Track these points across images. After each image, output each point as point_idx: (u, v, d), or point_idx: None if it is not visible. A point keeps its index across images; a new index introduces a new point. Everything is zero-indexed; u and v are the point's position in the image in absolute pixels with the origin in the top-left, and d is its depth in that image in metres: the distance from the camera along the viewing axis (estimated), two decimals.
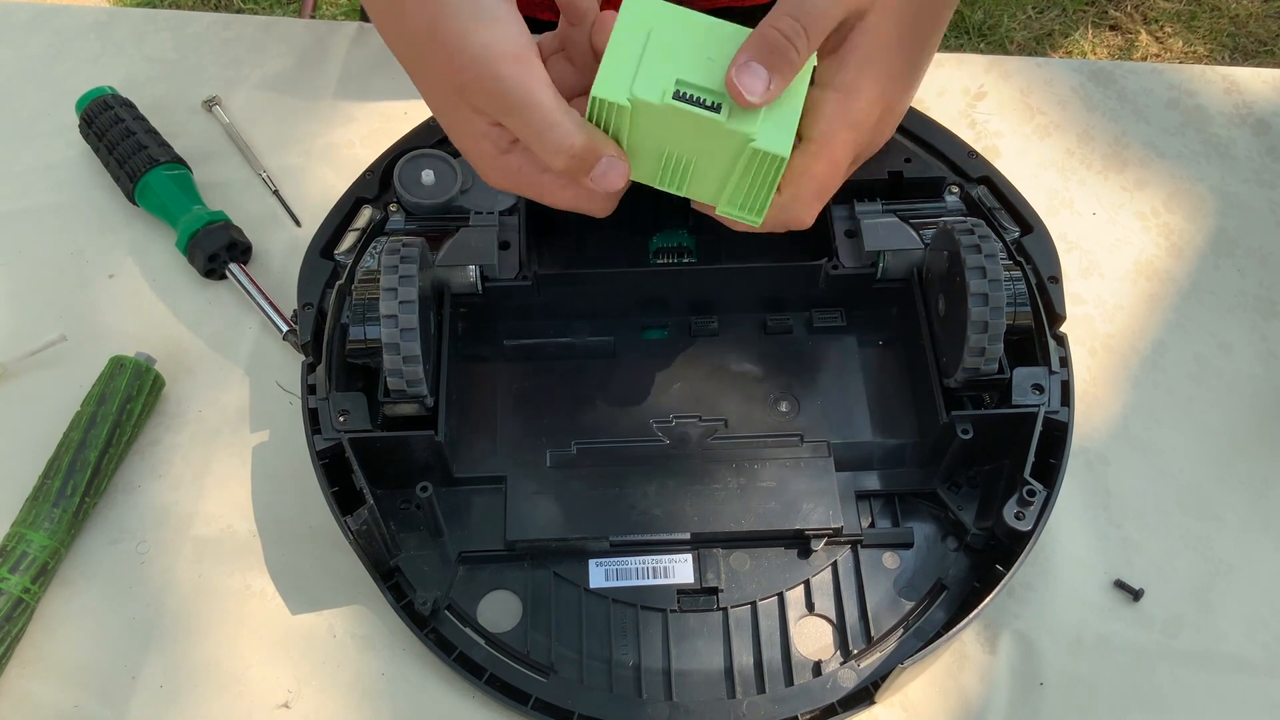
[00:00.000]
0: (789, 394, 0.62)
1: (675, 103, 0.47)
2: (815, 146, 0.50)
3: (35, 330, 0.66)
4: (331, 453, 0.57)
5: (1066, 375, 0.59)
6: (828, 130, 0.50)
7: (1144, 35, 1.77)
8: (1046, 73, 0.78)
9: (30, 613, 0.57)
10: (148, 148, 0.69)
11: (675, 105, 0.47)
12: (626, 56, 0.48)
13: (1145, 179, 0.74)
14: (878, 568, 0.59)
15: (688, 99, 0.47)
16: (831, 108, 0.50)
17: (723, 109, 0.47)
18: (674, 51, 0.47)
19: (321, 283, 0.62)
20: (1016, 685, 0.57)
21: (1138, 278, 0.70)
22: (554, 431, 0.61)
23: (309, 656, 0.57)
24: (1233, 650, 0.58)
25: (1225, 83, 0.78)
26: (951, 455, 0.58)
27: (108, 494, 0.61)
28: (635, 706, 0.55)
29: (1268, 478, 0.63)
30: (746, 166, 0.49)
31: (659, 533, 0.58)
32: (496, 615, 0.58)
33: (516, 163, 0.51)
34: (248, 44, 0.78)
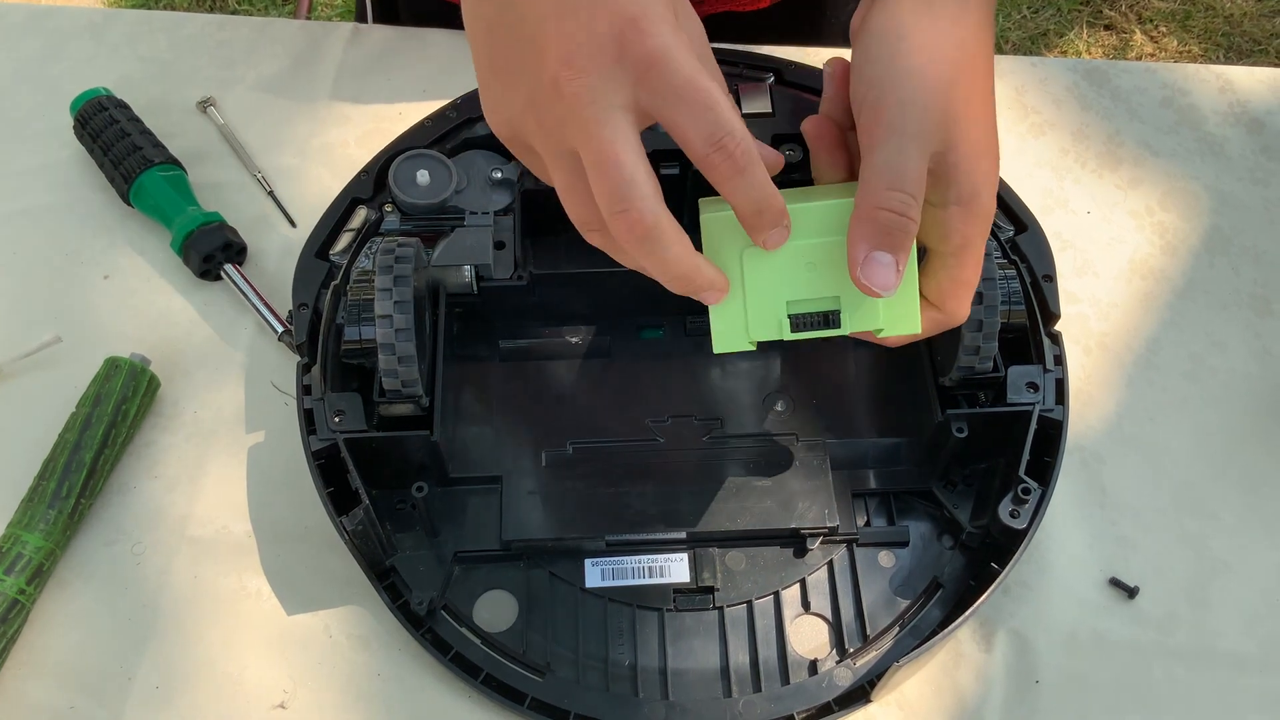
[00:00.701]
0: (784, 393, 0.62)
1: (795, 336, 0.47)
2: (957, 260, 0.49)
3: (30, 331, 0.66)
4: (327, 453, 0.57)
5: (1061, 373, 0.59)
6: (964, 242, 0.49)
7: (1139, 35, 1.78)
8: (1041, 71, 0.78)
9: (26, 614, 0.57)
10: (142, 149, 0.69)
11: (798, 336, 0.47)
12: (729, 293, 0.47)
13: (1139, 177, 0.74)
14: (873, 566, 0.59)
15: (805, 324, 0.47)
16: (959, 222, 0.49)
17: (842, 319, 0.47)
18: (772, 268, 0.46)
19: (317, 283, 0.62)
20: (1012, 683, 0.57)
21: (1132, 276, 0.70)
22: (550, 431, 0.61)
23: (305, 657, 0.57)
24: (1228, 647, 0.58)
25: (1219, 81, 0.78)
26: (947, 454, 0.58)
27: (103, 495, 0.61)
28: (631, 706, 0.55)
29: (1263, 475, 0.63)
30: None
31: (655, 532, 0.58)
32: (492, 615, 0.58)
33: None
34: (242, 45, 0.78)
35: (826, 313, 0.47)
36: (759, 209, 0.45)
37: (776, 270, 0.47)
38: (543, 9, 0.43)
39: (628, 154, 0.42)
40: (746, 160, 0.43)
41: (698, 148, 0.43)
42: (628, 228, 0.43)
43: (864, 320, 0.47)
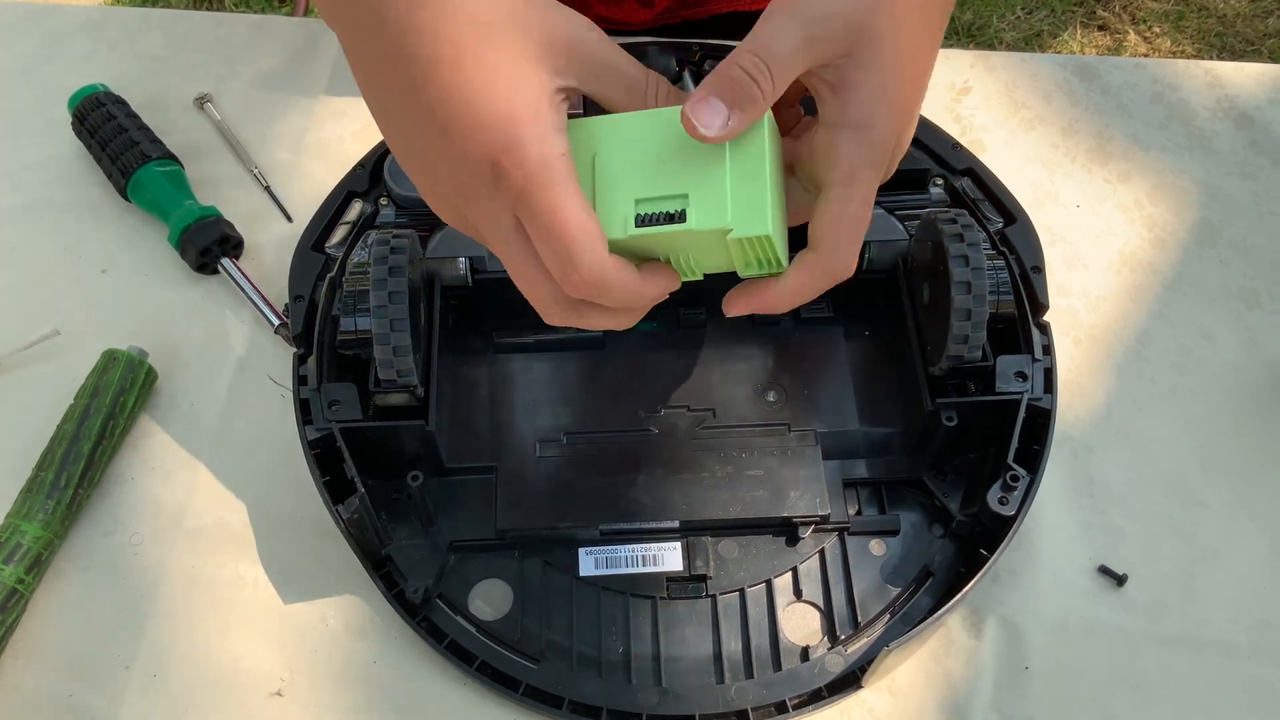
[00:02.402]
0: (776, 384, 0.63)
1: (639, 231, 0.44)
2: (841, 190, 0.46)
3: (29, 325, 0.66)
4: (323, 443, 0.57)
5: (1049, 362, 0.60)
6: (850, 170, 0.45)
7: (1132, 35, 1.78)
8: (1031, 67, 0.79)
9: (24, 603, 0.58)
10: (140, 144, 0.70)
11: (639, 233, 0.44)
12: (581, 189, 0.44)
13: (1129, 172, 0.74)
14: (865, 554, 0.59)
15: (651, 220, 0.44)
16: (850, 147, 0.45)
17: (688, 214, 0.44)
18: (622, 168, 0.45)
19: (313, 276, 0.62)
20: (1002, 670, 0.58)
21: (1121, 269, 0.70)
22: (544, 421, 0.61)
23: (301, 645, 0.58)
24: (1216, 635, 0.59)
25: (1208, 77, 0.78)
26: (937, 443, 0.59)
27: (101, 486, 0.62)
28: (625, 692, 0.55)
29: (1250, 465, 0.64)
30: (740, 249, 0.46)
31: (648, 521, 0.59)
32: (487, 603, 0.58)
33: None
34: (239, 42, 0.79)
35: (673, 210, 0.44)
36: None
37: (627, 170, 0.45)
38: (425, 136, 0.43)
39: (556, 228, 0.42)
40: (598, 295, 0.44)
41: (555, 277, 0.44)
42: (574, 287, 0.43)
43: (711, 217, 0.44)
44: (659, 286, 0.46)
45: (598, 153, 0.45)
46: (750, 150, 0.44)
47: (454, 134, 0.42)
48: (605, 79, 0.45)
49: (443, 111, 0.41)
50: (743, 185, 0.44)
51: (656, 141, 0.45)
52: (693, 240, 0.45)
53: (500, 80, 0.41)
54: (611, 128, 0.45)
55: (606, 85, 0.45)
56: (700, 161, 0.44)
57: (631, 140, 0.45)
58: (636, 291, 0.44)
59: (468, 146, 0.42)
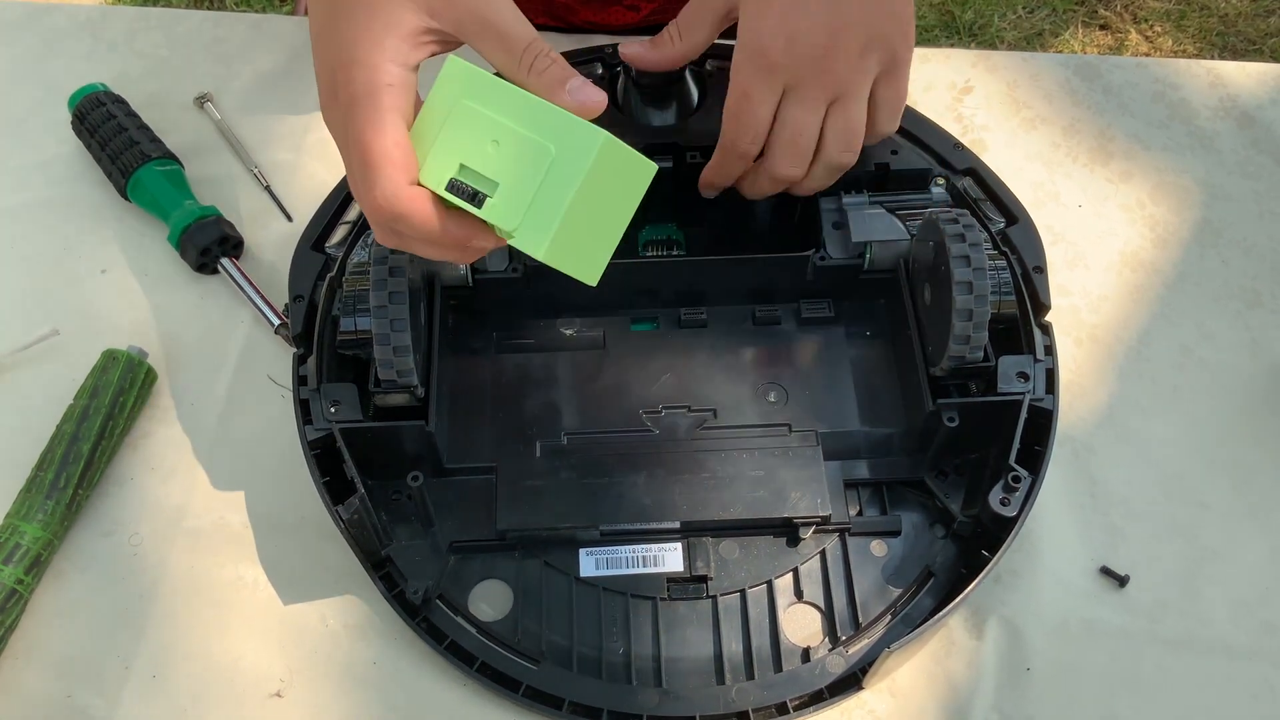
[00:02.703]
0: (777, 384, 0.63)
1: (446, 194, 0.46)
2: (728, 115, 0.57)
3: (28, 325, 0.66)
4: (323, 443, 0.57)
5: (1051, 363, 0.59)
6: (741, 94, 0.56)
7: (1134, 34, 1.78)
8: (1033, 67, 0.79)
9: (24, 604, 0.57)
10: (139, 144, 0.70)
11: (448, 196, 0.46)
12: (428, 131, 0.47)
13: (1130, 171, 0.74)
14: (866, 555, 0.59)
15: (458, 190, 0.46)
16: (735, 69, 0.56)
17: (486, 203, 0.46)
18: (468, 130, 0.46)
19: (313, 276, 0.62)
20: (1003, 671, 0.57)
21: (1123, 269, 0.70)
22: (544, 422, 0.61)
23: (301, 646, 0.58)
24: (1218, 635, 0.59)
25: (1210, 76, 0.78)
26: (938, 443, 0.59)
27: (100, 486, 0.62)
28: (625, 694, 0.55)
29: (1252, 465, 0.63)
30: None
31: (649, 522, 0.58)
32: (487, 604, 0.58)
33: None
34: (239, 41, 0.79)
35: (478, 191, 0.46)
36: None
37: (470, 133, 0.46)
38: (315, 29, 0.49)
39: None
40: (391, 221, 0.46)
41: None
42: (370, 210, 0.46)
43: (504, 215, 0.45)
44: (461, 232, 0.47)
45: (462, 101, 0.46)
46: (568, 174, 0.45)
47: (324, 40, 0.48)
48: (480, 33, 0.47)
49: (324, 18, 0.47)
50: (544, 201, 0.45)
51: (507, 122, 0.46)
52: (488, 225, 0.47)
53: (364, 5, 0.46)
54: (485, 88, 0.46)
55: (481, 39, 0.47)
56: (525, 162, 0.45)
57: (493, 108, 0.46)
58: (432, 227, 0.46)
59: (324, 54, 0.47)
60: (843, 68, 0.56)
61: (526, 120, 0.46)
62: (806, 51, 0.55)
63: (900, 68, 0.58)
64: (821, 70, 0.56)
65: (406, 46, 0.46)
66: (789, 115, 0.57)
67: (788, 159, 0.58)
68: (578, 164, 0.45)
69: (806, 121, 0.57)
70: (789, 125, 0.57)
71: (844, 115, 0.58)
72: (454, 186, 0.46)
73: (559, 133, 0.45)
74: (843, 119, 0.58)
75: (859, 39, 0.56)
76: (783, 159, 0.58)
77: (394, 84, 0.45)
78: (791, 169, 0.59)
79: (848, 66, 0.57)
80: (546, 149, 0.45)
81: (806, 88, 0.56)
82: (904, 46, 0.58)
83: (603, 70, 0.67)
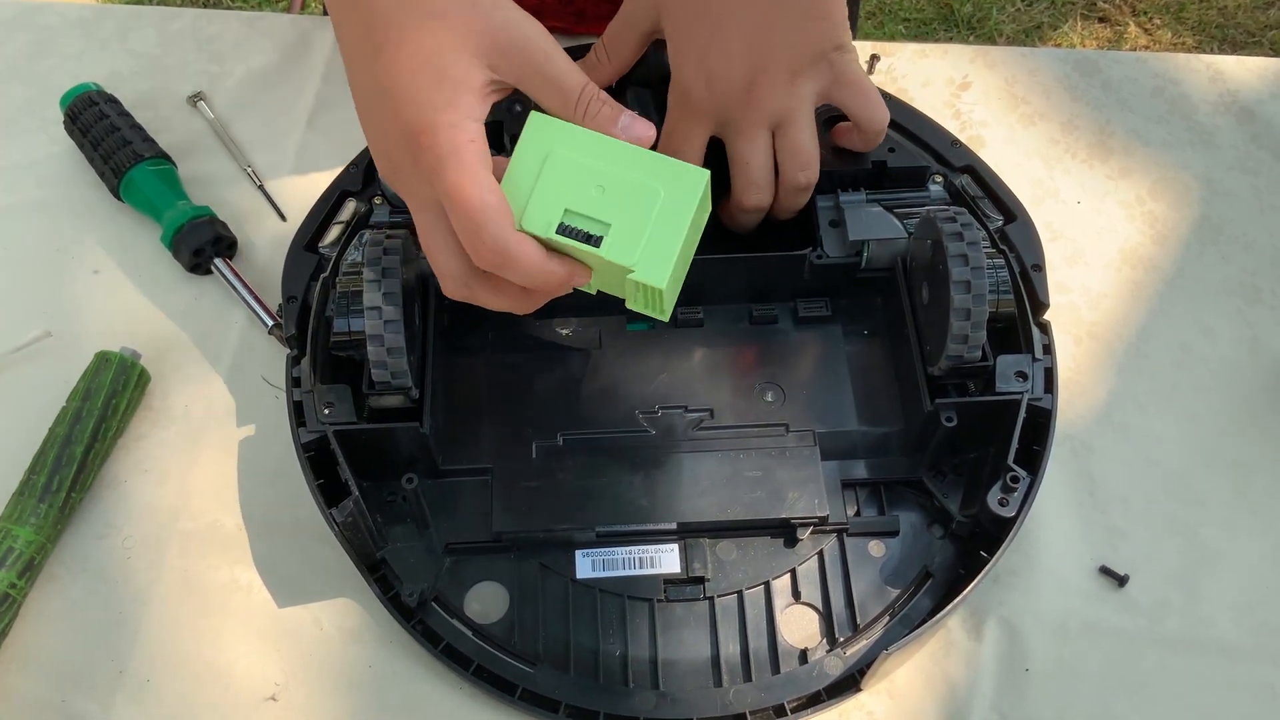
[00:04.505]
0: (774, 384, 0.62)
1: (558, 236, 0.49)
2: (666, 130, 0.59)
3: (20, 326, 0.66)
4: (317, 445, 0.57)
5: (1050, 362, 0.59)
6: (668, 129, 0.59)
7: (1133, 27, 1.77)
8: (1031, 62, 0.78)
9: (17, 608, 0.57)
10: (132, 143, 0.69)
11: (557, 239, 0.49)
12: (523, 181, 0.49)
13: (1130, 167, 0.74)
14: (864, 556, 0.59)
15: (571, 232, 0.49)
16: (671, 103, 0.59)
17: (603, 242, 0.49)
18: (567, 178, 0.49)
19: (306, 276, 0.62)
20: (1002, 671, 0.57)
21: (1122, 265, 0.70)
22: (540, 423, 0.61)
23: (296, 649, 0.58)
24: (1218, 635, 0.58)
25: (1210, 71, 0.78)
26: (936, 443, 0.59)
27: (94, 489, 0.61)
28: (622, 696, 0.55)
29: (1253, 463, 0.63)
30: (634, 288, 0.50)
31: (645, 523, 0.58)
32: (483, 606, 0.58)
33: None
34: (232, 39, 0.78)
35: (592, 233, 0.49)
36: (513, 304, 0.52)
37: (571, 179, 0.49)
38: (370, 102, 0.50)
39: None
40: (500, 265, 0.48)
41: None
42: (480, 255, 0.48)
43: (621, 253, 0.48)
44: (564, 269, 0.50)
45: (554, 151, 0.49)
46: (678, 209, 0.49)
47: (389, 107, 0.48)
48: (538, 83, 0.49)
49: (385, 84, 0.48)
50: (659, 237, 0.49)
51: (608, 167, 0.49)
52: (599, 264, 0.50)
53: (430, 67, 0.47)
54: (574, 136, 0.50)
55: (538, 89, 0.50)
56: (633, 201, 0.49)
57: (587, 155, 0.49)
58: (540, 266, 0.48)
59: (396, 120, 0.48)
60: (772, 99, 0.57)
61: (625, 164, 0.49)
62: (727, 89, 0.57)
63: (845, 74, 0.58)
64: (748, 105, 0.57)
65: (477, 101, 0.48)
66: (733, 148, 0.59)
67: (745, 189, 0.60)
68: (687, 200, 0.49)
69: (750, 151, 0.58)
70: (736, 158, 0.59)
71: (789, 139, 0.59)
72: (565, 230, 0.49)
73: (661, 173, 0.49)
74: (789, 143, 0.59)
75: (785, 69, 0.57)
76: (742, 190, 0.60)
77: (474, 139, 0.47)
78: (752, 197, 0.60)
79: (778, 96, 0.57)
80: (654, 189, 0.49)
81: (739, 122, 0.58)
82: (842, 59, 0.58)
83: None
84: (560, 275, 0.50)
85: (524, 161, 0.50)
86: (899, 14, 1.79)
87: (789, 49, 0.56)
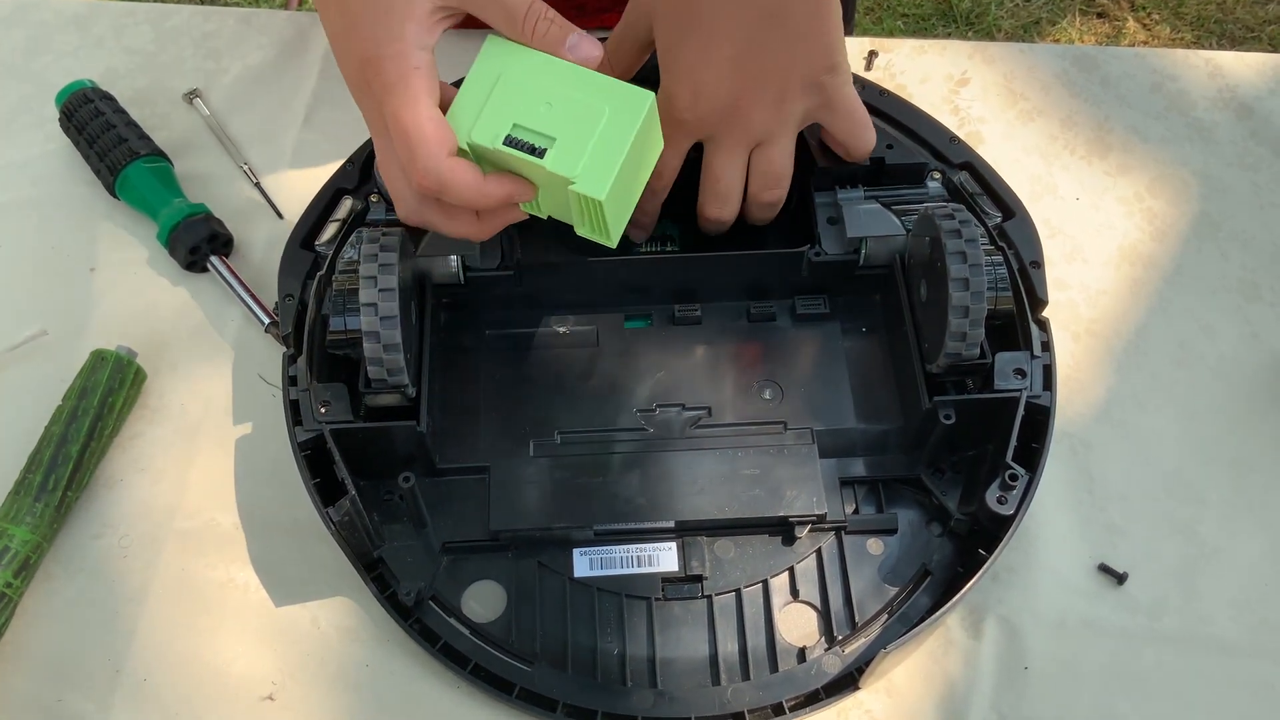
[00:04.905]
0: (772, 381, 0.62)
1: (504, 148, 0.50)
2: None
3: (16, 325, 0.66)
4: (313, 444, 0.57)
5: (1048, 359, 0.59)
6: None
7: (1131, 23, 1.77)
8: (1030, 58, 0.78)
9: (13, 607, 0.57)
10: (128, 141, 0.69)
11: (504, 150, 0.50)
12: (475, 98, 0.51)
13: (1128, 164, 0.74)
14: (862, 554, 0.59)
15: (517, 144, 0.50)
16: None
17: (547, 154, 0.50)
18: (517, 95, 0.51)
19: (302, 274, 0.61)
20: (1001, 670, 0.57)
21: (1121, 262, 0.70)
22: (537, 421, 0.61)
23: (293, 648, 0.57)
24: (1217, 633, 0.58)
25: (1209, 67, 0.77)
26: (935, 441, 0.58)
27: (90, 488, 0.61)
28: (620, 695, 0.55)
29: (1252, 460, 0.63)
30: (578, 203, 0.51)
31: (643, 521, 0.58)
32: (481, 605, 0.58)
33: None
34: (228, 36, 0.78)
35: (536, 145, 0.50)
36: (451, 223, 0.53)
37: (520, 97, 0.51)
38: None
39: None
40: (437, 190, 0.50)
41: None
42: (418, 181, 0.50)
43: (563, 164, 0.50)
44: (503, 189, 0.51)
45: (505, 73, 0.51)
46: (622, 126, 0.50)
47: (347, 37, 0.51)
48: (485, 4, 0.51)
49: (344, 16, 0.51)
50: (602, 152, 0.50)
51: (556, 86, 0.51)
52: (544, 177, 0.51)
53: (375, 1, 0.49)
54: (527, 58, 0.51)
55: (484, 9, 0.51)
56: (579, 118, 0.50)
57: (537, 75, 0.51)
58: (476, 189, 0.50)
59: (351, 49, 0.51)
60: (757, 119, 0.57)
61: (574, 84, 0.51)
62: (713, 106, 0.57)
63: (834, 99, 0.58)
64: (732, 122, 0.57)
65: (423, 30, 0.50)
66: (708, 161, 0.59)
67: (710, 201, 0.60)
68: (630, 119, 0.50)
69: (723, 167, 0.59)
70: (708, 171, 0.59)
71: (765, 159, 0.59)
72: (511, 141, 0.50)
73: (608, 93, 0.51)
74: (764, 162, 0.59)
75: (773, 90, 0.57)
76: (706, 201, 0.60)
77: (420, 66, 0.49)
78: (715, 209, 0.60)
79: (763, 116, 0.57)
80: (599, 107, 0.50)
81: (721, 137, 0.58)
82: (833, 82, 0.58)
83: None
84: (499, 196, 0.51)
85: (477, 81, 0.51)
86: (897, 9, 1.79)
87: (779, 71, 0.56)
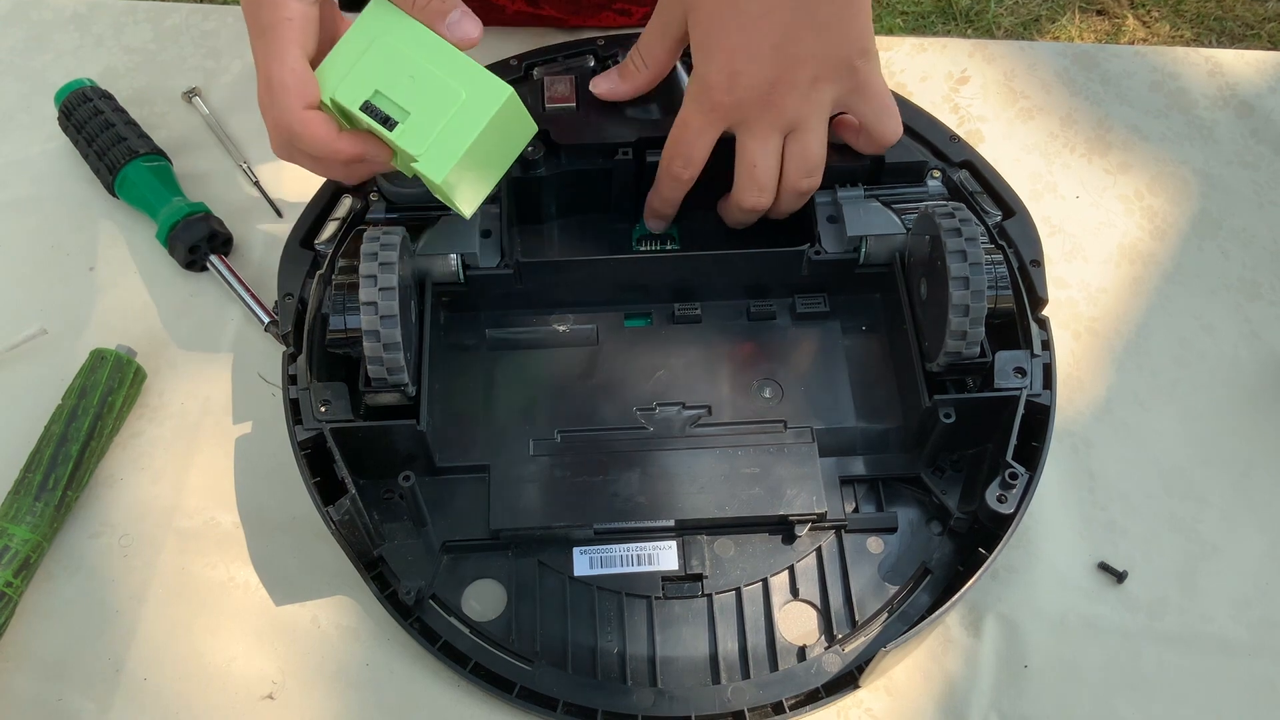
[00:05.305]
0: (772, 380, 0.62)
1: (359, 113, 0.52)
2: (679, 119, 0.59)
3: (15, 324, 0.66)
4: (313, 443, 0.57)
5: (1048, 358, 0.59)
6: (681, 120, 0.59)
7: (1131, 20, 1.77)
8: (1030, 56, 0.78)
9: (13, 606, 0.57)
10: (127, 139, 0.69)
11: (359, 115, 0.52)
12: (348, 57, 0.52)
13: (1128, 162, 0.73)
14: (862, 553, 0.59)
15: (372, 111, 0.52)
16: (690, 79, 0.59)
17: (398, 127, 0.51)
18: (386, 62, 0.52)
19: (302, 273, 0.61)
20: (1001, 668, 0.57)
21: (1121, 261, 0.70)
22: (537, 420, 0.61)
23: (293, 647, 0.57)
24: (1217, 632, 0.58)
25: (1209, 65, 0.77)
26: (935, 439, 0.58)
27: (90, 487, 0.61)
28: (620, 694, 0.55)
29: (1251, 459, 0.63)
30: (425, 179, 0.53)
31: (643, 520, 0.58)
32: (481, 604, 0.58)
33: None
34: (227, 35, 0.78)
35: (390, 116, 0.51)
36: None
37: (388, 64, 0.52)
38: None
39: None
40: (289, 138, 0.52)
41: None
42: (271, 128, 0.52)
43: (412, 141, 0.51)
44: (354, 149, 0.53)
45: (380, 38, 0.52)
46: (475, 114, 0.52)
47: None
48: None
49: None
50: (450, 135, 0.51)
51: (425, 61, 0.52)
52: (394, 147, 0.53)
53: None
54: (406, 28, 0.52)
55: None
56: (436, 97, 0.52)
57: (410, 47, 0.52)
58: (327, 143, 0.52)
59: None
60: (791, 103, 0.57)
61: (441, 63, 0.52)
62: (749, 90, 0.57)
63: (866, 84, 0.59)
64: (767, 107, 0.57)
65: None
66: (744, 148, 0.59)
67: (747, 189, 0.60)
68: (484, 109, 0.52)
69: (760, 153, 0.59)
70: (744, 158, 0.59)
71: (800, 144, 0.59)
72: (368, 108, 0.52)
73: (471, 79, 0.52)
74: (799, 148, 0.59)
75: (807, 74, 0.57)
76: (743, 189, 0.60)
77: (293, 18, 0.51)
78: (753, 198, 0.60)
79: (797, 101, 0.58)
80: (458, 91, 0.51)
81: (755, 123, 0.58)
82: (865, 67, 0.58)
83: (595, 63, 0.67)
84: (349, 154, 0.53)
85: (354, 40, 0.52)
86: (897, 7, 1.79)
87: (815, 54, 0.56)
